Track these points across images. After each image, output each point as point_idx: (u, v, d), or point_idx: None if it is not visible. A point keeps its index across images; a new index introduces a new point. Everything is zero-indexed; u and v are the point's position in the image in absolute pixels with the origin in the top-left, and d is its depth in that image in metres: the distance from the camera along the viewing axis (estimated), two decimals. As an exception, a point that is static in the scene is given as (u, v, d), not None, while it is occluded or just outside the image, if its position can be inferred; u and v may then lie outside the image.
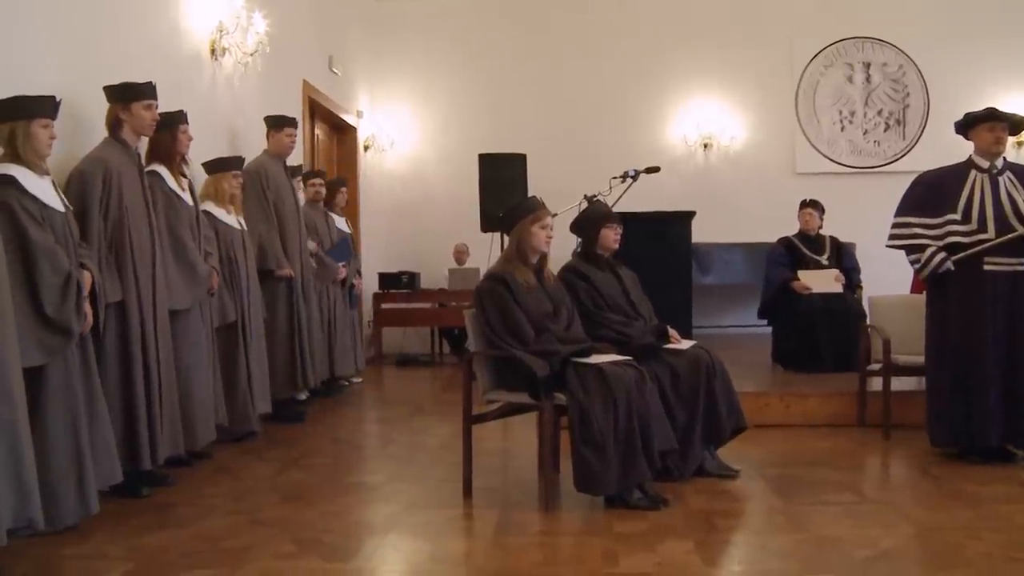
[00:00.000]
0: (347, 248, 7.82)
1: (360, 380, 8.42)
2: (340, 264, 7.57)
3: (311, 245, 7.00)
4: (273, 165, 6.47)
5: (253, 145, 6.50)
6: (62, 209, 3.76)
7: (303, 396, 6.84)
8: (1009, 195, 4.81)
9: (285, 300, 6.35)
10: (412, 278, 9.91)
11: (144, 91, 4.43)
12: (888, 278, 7.34)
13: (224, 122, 6.33)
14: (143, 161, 4.61)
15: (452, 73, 10.79)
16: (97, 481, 3.71)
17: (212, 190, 5.57)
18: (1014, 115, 5.01)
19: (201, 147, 5.46)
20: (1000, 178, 4.87)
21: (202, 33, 6.08)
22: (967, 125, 4.99)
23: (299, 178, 7.20)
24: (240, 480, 4.68)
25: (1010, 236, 4.73)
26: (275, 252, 6.26)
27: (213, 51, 6.21)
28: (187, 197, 4.91)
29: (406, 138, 10.85)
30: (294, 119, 6.70)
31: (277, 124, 6.54)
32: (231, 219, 5.65)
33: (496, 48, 10.69)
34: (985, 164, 4.90)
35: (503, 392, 4.25)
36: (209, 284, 4.94)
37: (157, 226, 4.50)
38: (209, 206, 5.46)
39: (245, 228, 5.82)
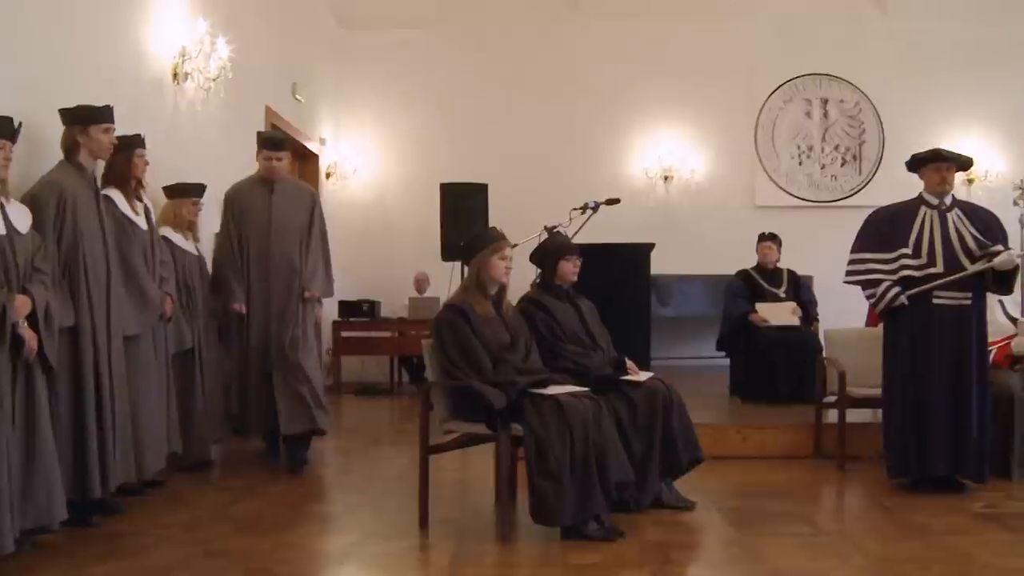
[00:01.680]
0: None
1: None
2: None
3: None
4: (247, 188, 6.02)
5: (215, 171, 6.44)
6: (3, 231, 3.69)
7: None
8: (957, 231, 4.98)
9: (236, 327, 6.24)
10: (372, 306, 9.87)
11: (102, 114, 4.39)
12: (844, 311, 7.43)
13: (185, 147, 6.28)
14: (99, 185, 4.56)
15: (416, 102, 10.83)
16: (29, 520, 3.60)
17: (171, 215, 5.53)
18: (959, 155, 5.16)
19: (162, 172, 5.43)
20: (949, 214, 5.03)
21: (164, 57, 6.06)
22: (915, 165, 5.13)
23: None
24: (193, 509, 4.61)
25: (961, 274, 4.87)
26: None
27: (175, 76, 6.18)
28: (141, 222, 4.85)
29: (369, 166, 10.86)
30: (276, 140, 6.10)
31: (258, 145, 6.02)
32: (189, 245, 5.61)
33: (460, 78, 10.75)
34: (935, 201, 5.05)
35: (460, 423, 4.25)
36: (162, 310, 4.88)
37: (112, 250, 4.45)
38: (167, 231, 5.41)
39: (203, 255, 5.77)
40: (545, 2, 10.80)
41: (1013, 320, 5.58)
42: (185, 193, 5.60)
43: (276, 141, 6.02)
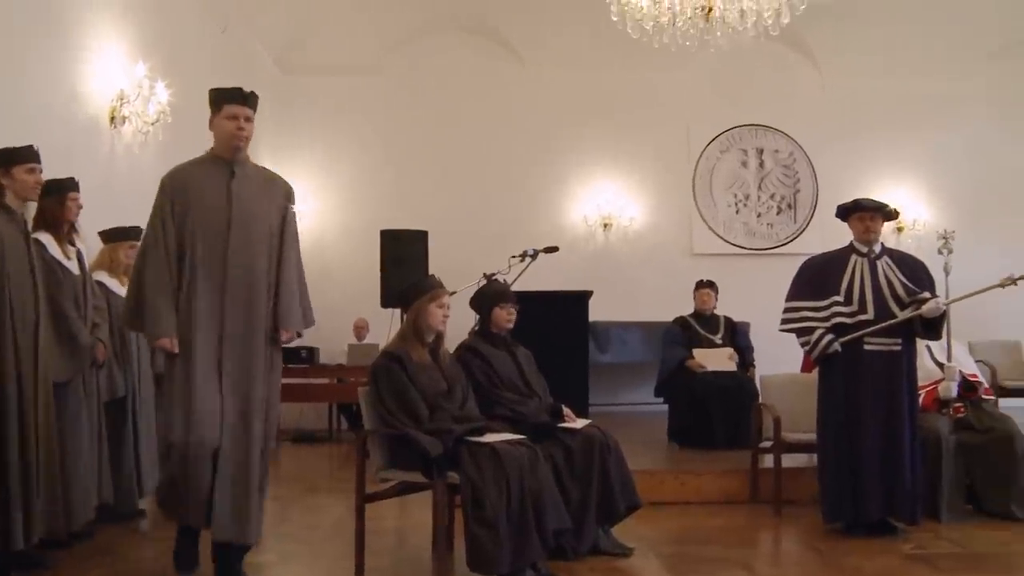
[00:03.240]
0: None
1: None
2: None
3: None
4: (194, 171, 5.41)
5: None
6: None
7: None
8: (887, 278, 5.13)
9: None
10: (310, 353, 9.77)
11: (25, 154, 4.29)
12: (781, 357, 7.53)
13: (122, 191, 6.21)
14: (30, 227, 4.46)
15: (357, 148, 10.87)
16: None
17: (107, 260, 5.45)
18: (883, 205, 5.30)
19: (98, 216, 5.35)
20: (879, 262, 5.18)
21: (101, 100, 6.02)
22: (842, 214, 5.30)
23: None
24: (123, 562, 4.49)
25: (892, 321, 5.01)
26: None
27: (112, 119, 6.14)
28: (73, 266, 4.74)
29: (309, 212, 10.78)
30: (244, 93, 4.25)
31: (216, 102, 4.57)
32: (124, 290, 5.51)
33: (401, 125, 10.82)
34: (864, 249, 5.21)
35: (397, 471, 4.22)
36: (93, 355, 4.78)
37: (41, 295, 4.35)
38: (102, 276, 5.32)
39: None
40: (486, 51, 10.97)
41: (940, 365, 5.70)
42: (121, 237, 5.51)
43: (244, 94, 4.18)
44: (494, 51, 11.01)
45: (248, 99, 4.14)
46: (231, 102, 4.07)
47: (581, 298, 6.46)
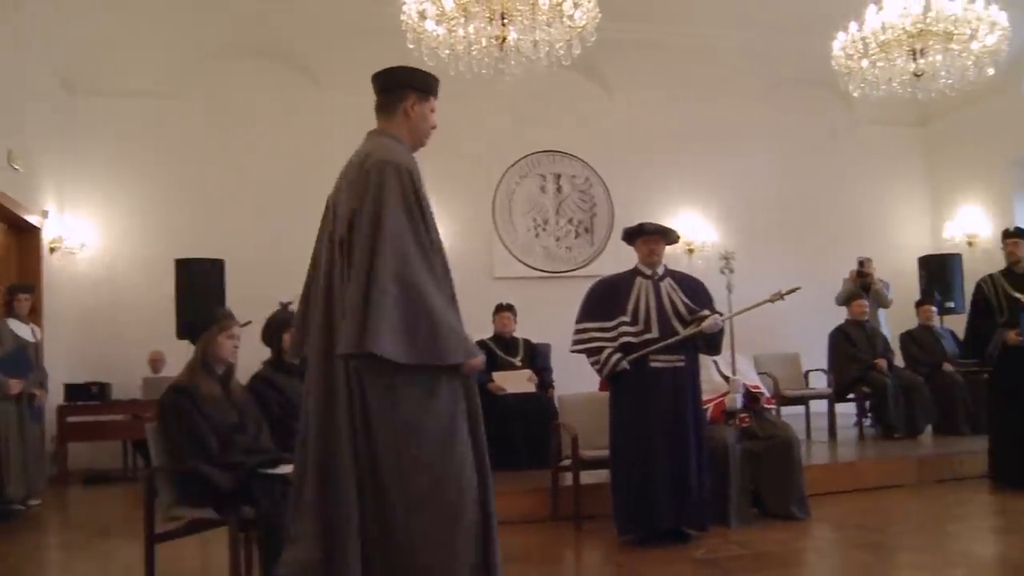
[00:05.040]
0: (23, 359, 7.21)
1: (38, 503, 7.67)
2: (11, 378, 6.96)
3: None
4: None
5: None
6: None
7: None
8: (669, 298, 5.41)
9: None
10: (102, 388, 9.28)
11: None
12: (581, 377, 7.69)
13: None
14: None
15: (151, 174, 10.36)
16: None
17: None
18: (666, 230, 5.61)
19: None
20: (661, 284, 5.47)
21: None
22: (628, 237, 5.58)
23: None
24: None
25: (675, 339, 5.28)
26: None
27: None
28: None
29: (98, 240, 10.28)
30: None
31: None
32: None
33: (198, 151, 10.43)
34: (648, 271, 5.48)
35: (187, 508, 4.08)
36: None
37: None
38: None
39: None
40: (286, 77, 10.81)
41: (726, 378, 6.02)
42: None
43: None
44: (294, 77, 10.85)
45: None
46: (436, 95, 3.63)
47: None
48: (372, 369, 2.93)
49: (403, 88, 3.42)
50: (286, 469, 3.98)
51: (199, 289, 7.93)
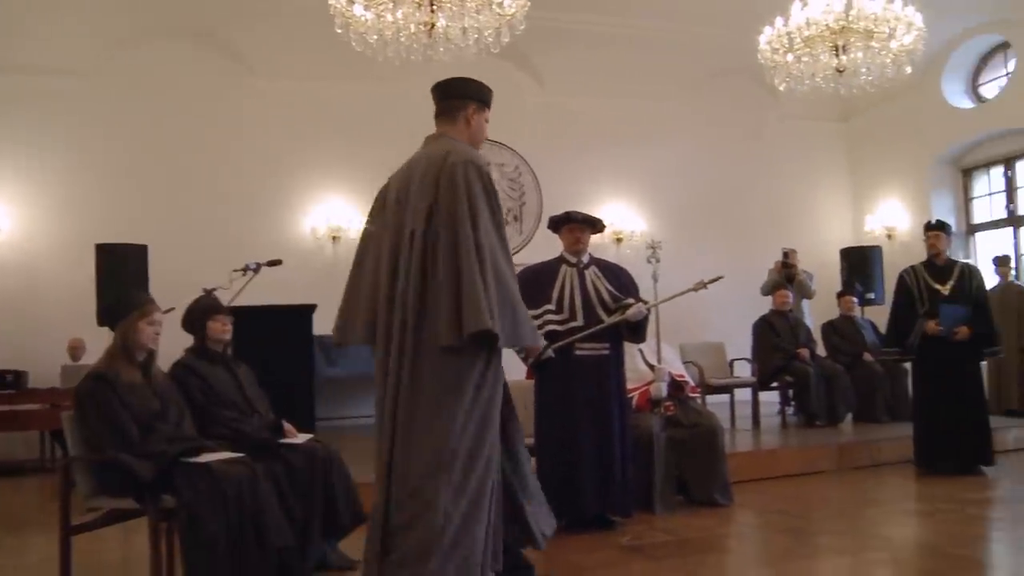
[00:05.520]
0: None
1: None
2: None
3: None
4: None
5: None
6: None
7: None
8: (594, 286, 5.43)
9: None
10: (18, 377, 9.04)
11: None
12: (505, 364, 7.71)
13: None
14: None
15: (70, 156, 10.10)
16: None
17: None
18: (592, 218, 5.63)
19: None
20: (587, 272, 5.48)
21: None
22: (553, 226, 5.58)
23: None
24: None
25: (600, 327, 5.29)
26: None
27: None
28: None
29: (14, 224, 9.98)
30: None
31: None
32: None
33: (121, 133, 10.21)
34: (573, 260, 5.50)
35: (106, 498, 3.99)
36: None
37: None
38: None
39: None
40: (214, 60, 10.63)
41: (651, 367, 6.07)
42: None
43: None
44: (222, 61, 10.65)
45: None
46: (490, 107, 3.95)
47: (304, 312, 6.40)
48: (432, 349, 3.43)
49: (465, 98, 3.80)
50: (209, 457, 3.93)
51: (121, 275, 7.74)
